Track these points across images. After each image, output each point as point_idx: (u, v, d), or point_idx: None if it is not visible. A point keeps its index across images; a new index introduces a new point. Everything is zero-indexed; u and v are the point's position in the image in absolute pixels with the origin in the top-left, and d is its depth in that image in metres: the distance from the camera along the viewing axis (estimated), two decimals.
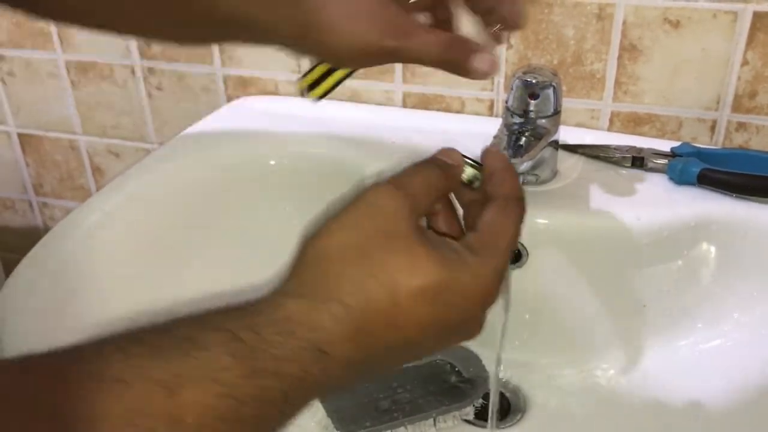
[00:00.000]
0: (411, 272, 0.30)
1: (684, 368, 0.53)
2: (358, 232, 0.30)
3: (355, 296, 0.29)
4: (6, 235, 0.93)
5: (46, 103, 0.82)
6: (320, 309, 0.29)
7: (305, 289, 0.29)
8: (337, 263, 0.30)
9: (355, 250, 0.30)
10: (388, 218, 0.31)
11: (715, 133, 0.62)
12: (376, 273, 0.30)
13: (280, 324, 0.28)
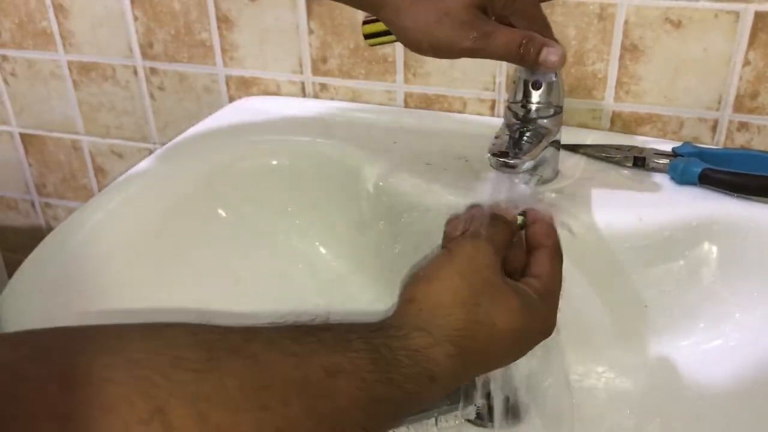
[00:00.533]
0: (508, 320, 0.38)
1: (685, 368, 0.53)
2: (467, 283, 0.38)
3: (466, 339, 0.37)
4: (9, 235, 0.94)
5: (49, 103, 0.82)
6: (439, 347, 0.36)
7: (430, 327, 0.36)
8: (452, 310, 0.37)
9: (468, 301, 0.38)
10: (489, 271, 0.39)
11: (717, 133, 0.62)
12: (482, 320, 0.37)
13: (410, 351, 0.35)
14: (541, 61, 0.44)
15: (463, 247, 0.40)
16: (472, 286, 0.38)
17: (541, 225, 0.44)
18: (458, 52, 0.42)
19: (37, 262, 0.51)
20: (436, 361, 0.35)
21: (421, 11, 0.41)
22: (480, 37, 0.42)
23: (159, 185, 0.60)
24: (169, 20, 0.72)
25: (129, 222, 0.56)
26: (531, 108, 0.51)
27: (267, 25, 0.70)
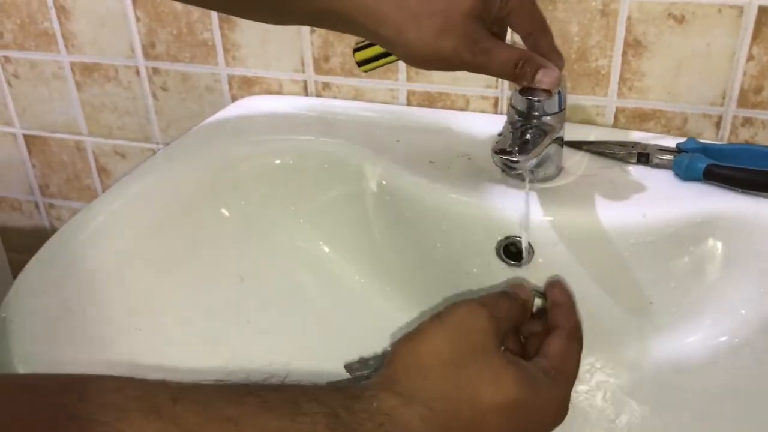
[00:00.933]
0: (495, 389, 0.34)
1: (691, 365, 0.53)
2: (452, 346, 0.35)
3: (441, 403, 0.33)
4: (13, 235, 0.94)
5: (52, 104, 0.82)
6: (410, 409, 0.33)
7: (400, 387, 0.34)
8: (431, 371, 0.34)
9: (449, 362, 0.35)
10: (479, 335, 0.36)
11: (721, 128, 0.62)
12: (462, 386, 0.34)
13: (374, 413, 0.32)
14: (536, 83, 0.44)
15: (454, 309, 0.38)
16: (457, 349, 0.35)
17: (562, 308, 0.44)
18: (460, 64, 0.42)
19: (42, 262, 0.51)
20: (406, 425, 0.32)
21: (423, 25, 0.41)
22: (480, 53, 0.42)
23: (162, 185, 0.60)
24: (171, 20, 0.72)
25: (133, 222, 0.56)
26: (534, 105, 0.51)
27: (269, 25, 0.70)
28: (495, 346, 0.36)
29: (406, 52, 0.43)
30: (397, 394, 0.33)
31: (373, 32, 0.42)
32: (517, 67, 0.44)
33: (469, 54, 0.42)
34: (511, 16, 0.45)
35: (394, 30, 0.41)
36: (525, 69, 0.44)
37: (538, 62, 0.44)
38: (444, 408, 0.33)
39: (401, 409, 0.33)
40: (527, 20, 0.45)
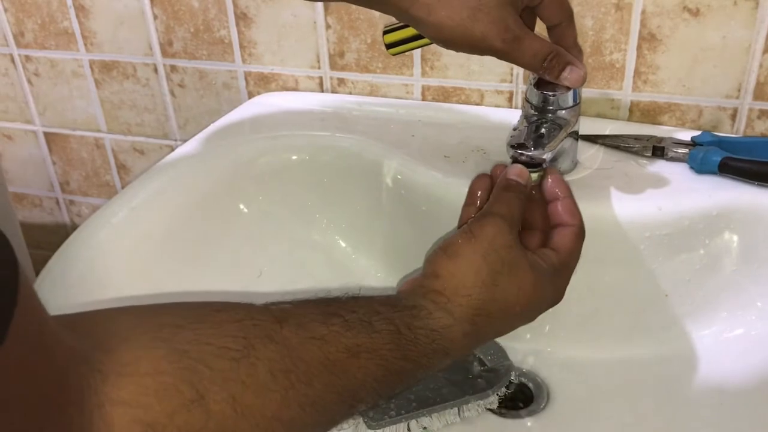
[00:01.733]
0: (521, 296, 0.42)
1: (707, 357, 0.53)
2: (488, 263, 0.41)
3: (482, 317, 0.41)
4: (34, 232, 0.95)
5: (71, 102, 0.83)
6: (457, 326, 0.40)
7: (450, 306, 0.40)
8: (473, 290, 0.40)
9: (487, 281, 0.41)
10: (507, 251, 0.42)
11: (737, 121, 0.62)
12: (498, 298, 0.41)
13: (429, 331, 0.39)
14: (562, 79, 0.45)
15: (483, 227, 0.42)
16: (492, 266, 0.41)
17: (565, 204, 0.47)
18: (489, 49, 0.43)
19: (63, 258, 0.52)
20: (452, 339, 0.39)
21: (455, 6, 0.42)
22: (510, 41, 0.43)
23: (180, 182, 0.61)
24: (188, 18, 0.73)
25: (152, 218, 0.57)
26: (549, 99, 0.51)
27: (285, 22, 0.70)
28: (520, 255, 0.42)
29: (437, 34, 0.43)
30: (449, 313, 0.40)
31: (405, 11, 0.43)
32: (545, 61, 0.44)
33: (500, 41, 0.42)
34: (542, 6, 0.45)
35: (425, 10, 0.42)
36: (553, 64, 0.44)
37: (567, 59, 0.45)
38: (482, 320, 0.41)
39: (450, 329, 0.39)
40: (557, 11, 0.46)
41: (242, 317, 0.33)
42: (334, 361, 0.34)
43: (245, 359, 0.31)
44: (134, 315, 0.32)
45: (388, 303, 0.39)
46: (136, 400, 0.28)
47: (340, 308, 0.36)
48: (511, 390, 0.53)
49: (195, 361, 0.30)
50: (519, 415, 0.53)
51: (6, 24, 0.80)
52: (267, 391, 0.31)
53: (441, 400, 0.51)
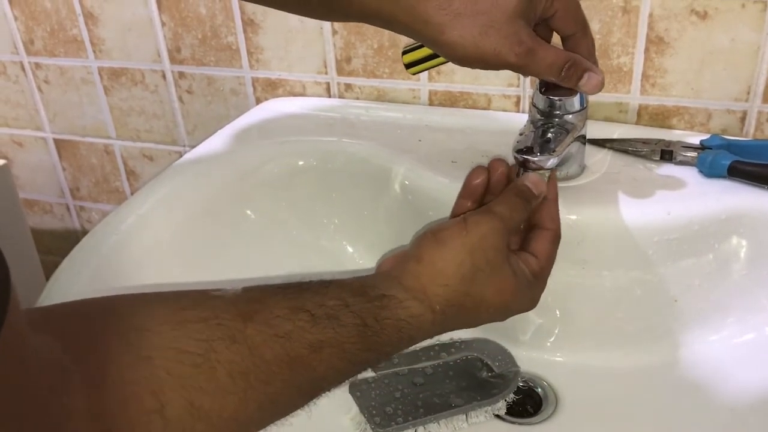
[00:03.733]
0: (497, 296, 0.42)
1: (717, 362, 0.53)
2: (472, 259, 0.41)
3: (453, 308, 0.41)
4: (45, 238, 0.96)
5: (81, 109, 0.84)
6: (427, 315, 0.40)
7: (423, 296, 0.40)
8: (451, 281, 0.41)
9: (467, 276, 0.41)
10: (494, 252, 0.42)
11: (746, 124, 0.61)
12: (473, 293, 0.41)
13: (397, 322, 0.39)
14: (581, 85, 0.45)
15: (478, 224, 0.42)
16: (476, 263, 0.41)
17: (548, 207, 0.47)
18: (504, 64, 0.43)
19: (74, 264, 0.53)
20: (420, 327, 0.40)
21: (466, 24, 0.42)
22: (525, 54, 0.43)
23: (189, 187, 0.61)
24: (195, 25, 0.74)
25: (161, 224, 0.57)
26: (556, 104, 0.51)
27: (291, 27, 0.70)
28: (504, 260, 0.42)
29: (451, 52, 0.44)
30: (420, 301, 0.40)
31: (418, 32, 0.44)
32: (562, 70, 0.44)
33: (513, 55, 0.43)
34: (555, 17, 0.45)
35: (437, 30, 0.42)
36: (570, 72, 0.45)
37: (585, 66, 0.45)
38: (453, 311, 0.41)
39: (419, 317, 0.40)
40: (571, 22, 0.46)
41: (207, 316, 0.34)
42: (295, 357, 0.35)
43: (206, 364, 0.32)
44: (107, 312, 0.33)
45: (360, 292, 0.39)
46: (101, 410, 0.29)
47: (308, 301, 0.37)
48: (519, 396, 0.53)
49: (157, 368, 0.31)
50: (527, 421, 0.53)
51: (16, 32, 0.81)
52: (225, 393, 0.32)
53: (448, 406, 0.51)
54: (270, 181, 0.63)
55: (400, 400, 0.52)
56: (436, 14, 0.42)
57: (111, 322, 0.32)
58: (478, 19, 0.42)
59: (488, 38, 0.42)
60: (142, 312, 0.33)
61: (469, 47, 0.42)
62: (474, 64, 0.44)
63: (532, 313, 0.57)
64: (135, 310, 0.34)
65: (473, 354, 0.56)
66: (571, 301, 0.56)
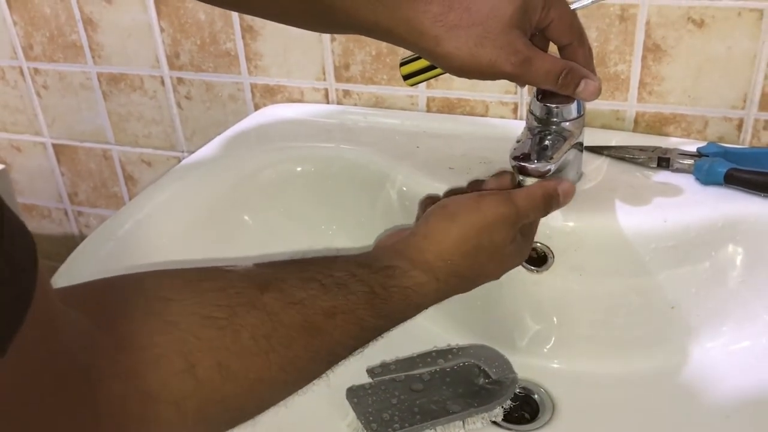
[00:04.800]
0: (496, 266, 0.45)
1: (713, 370, 0.53)
2: (477, 240, 0.43)
3: (455, 278, 0.43)
4: (43, 242, 0.96)
5: (80, 114, 0.84)
6: (431, 284, 0.42)
7: (428, 266, 0.42)
8: (454, 256, 0.43)
9: (471, 252, 0.43)
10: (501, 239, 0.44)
11: (743, 132, 0.61)
12: (474, 266, 0.44)
13: (403, 288, 0.41)
14: (578, 93, 0.46)
15: (493, 207, 0.44)
16: (480, 242, 0.43)
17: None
18: (501, 73, 0.44)
19: (71, 269, 0.53)
20: (425, 295, 0.42)
21: (461, 35, 0.42)
22: (520, 63, 0.43)
23: (187, 193, 0.61)
24: (194, 31, 0.74)
25: (159, 229, 0.57)
26: (553, 111, 0.51)
27: (290, 34, 0.71)
28: (508, 244, 0.44)
29: (447, 64, 0.44)
30: (424, 272, 0.42)
31: (414, 44, 0.44)
32: (559, 77, 0.45)
33: (509, 64, 0.43)
34: (551, 27, 0.46)
35: (434, 42, 0.43)
36: (568, 79, 0.45)
37: (581, 73, 0.45)
38: (455, 280, 0.43)
39: (424, 285, 0.42)
40: (567, 32, 0.46)
41: (224, 285, 0.35)
42: (312, 323, 0.36)
43: (230, 327, 0.33)
44: (129, 287, 0.34)
45: (365, 264, 0.41)
46: (132, 371, 0.30)
47: (317, 272, 0.38)
48: (516, 402, 0.53)
49: (184, 332, 0.32)
50: (524, 428, 0.53)
51: (15, 37, 0.81)
52: (250, 355, 0.34)
53: (445, 412, 0.51)
54: (268, 186, 0.63)
55: (397, 407, 0.52)
56: (432, 26, 0.43)
57: (134, 293, 0.33)
58: (474, 30, 0.42)
59: (484, 49, 0.42)
60: (162, 284, 0.35)
61: (466, 58, 0.43)
62: (471, 75, 0.44)
63: (530, 319, 0.57)
64: (155, 282, 0.35)
65: (470, 360, 0.56)
66: (568, 307, 0.56)
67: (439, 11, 0.42)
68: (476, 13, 0.42)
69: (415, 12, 0.43)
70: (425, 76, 0.50)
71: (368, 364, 0.55)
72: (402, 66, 0.51)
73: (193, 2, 0.72)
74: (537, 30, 0.46)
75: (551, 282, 0.55)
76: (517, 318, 0.58)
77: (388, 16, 0.43)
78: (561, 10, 0.46)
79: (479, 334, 0.58)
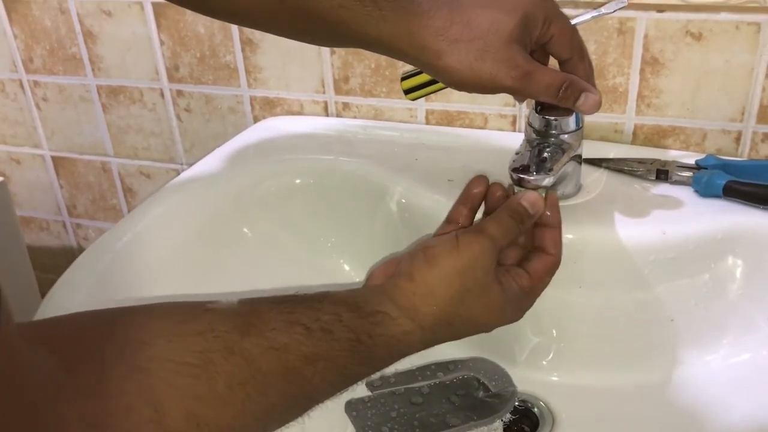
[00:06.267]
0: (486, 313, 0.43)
1: (713, 382, 0.52)
2: (462, 280, 0.42)
3: (442, 327, 0.42)
4: (41, 255, 0.96)
5: (79, 126, 0.84)
6: (417, 334, 0.41)
7: (414, 314, 0.41)
8: (441, 301, 0.41)
9: (456, 296, 0.42)
10: (484, 273, 0.43)
11: (741, 144, 0.62)
12: (462, 313, 0.42)
13: (389, 338, 0.40)
14: (578, 106, 0.46)
15: (469, 244, 0.43)
16: (465, 284, 0.42)
17: (552, 233, 0.47)
18: (501, 87, 0.44)
19: (70, 282, 0.53)
20: (410, 344, 0.42)
21: (462, 50, 0.43)
22: (521, 77, 0.43)
23: (186, 205, 0.61)
24: (194, 44, 0.74)
25: (157, 242, 0.57)
26: (551, 123, 0.51)
27: (290, 47, 0.71)
28: (493, 280, 0.43)
29: (448, 78, 0.44)
30: (412, 320, 0.41)
31: (416, 59, 0.44)
32: (560, 90, 0.45)
33: (509, 78, 0.43)
34: (551, 42, 0.46)
35: (434, 56, 0.43)
36: (568, 92, 0.45)
37: (581, 86, 0.45)
38: (442, 329, 0.42)
39: (410, 334, 0.41)
40: (567, 47, 0.47)
41: (204, 329, 0.34)
42: (292, 369, 0.36)
43: (204, 375, 0.33)
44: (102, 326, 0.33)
45: (354, 309, 0.40)
46: (98, 421, 0.29)
47: (303, 315, 0.38)
48: (516, 416, 0.53)
49: (155, 379, 0.31)
50: None
51: (15, 50, 0.81)
52: (223, 404, 0.33)
53: (445, 425, 0.51)
54: (267, 199, 0.63)
55: (396, 420, 0.51)
56: (433, 41, 0.43)
57: (106, 333, 0.33)
58: (474, 44, 0.43)
59: (484, 63, 0.43)
60: (138, 324, 0.34)
61: (466, 72, 0.43)
62: (471, 89, 0.44)
63: (529, 332, 0.57)
64: (131, 322, 0.34)
65: (470, 374, 0.56)
66: (567, 320, 0.56)
67: (440, 26, 0.43)
68: (477, 27, 0.43)
69: (417, 26, 0.43)
70: (426, 91, 0.50)
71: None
72: (403, 80, 0.51)
73: (193, 15, 0.72)
74: (537, 45, 0.46)
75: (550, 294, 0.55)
76: (517, 331, 0.57)
77: (390, 30, 0.43)
78: (561, 26, 0.46)
79: (479, 347, 0.57)
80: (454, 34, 0.43)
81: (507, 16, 0.43)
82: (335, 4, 0.43)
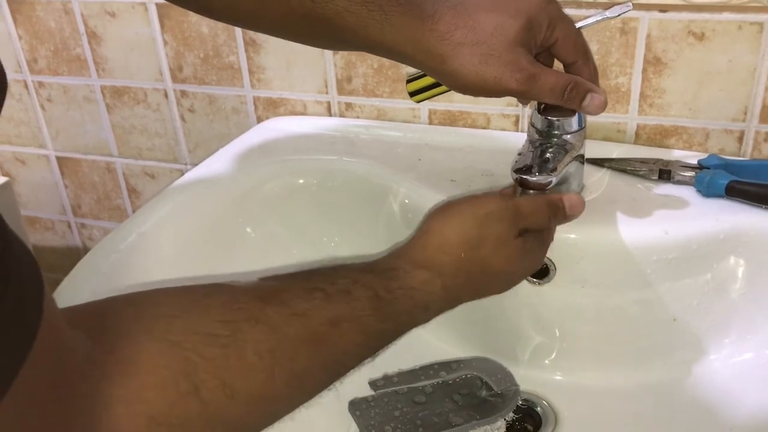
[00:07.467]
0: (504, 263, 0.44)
1: (715, 382, 0.53)
2: (478, 231, 0.43)
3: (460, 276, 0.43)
4: (46, 255, 0.96)
5: (83, 127, 0.84)
6: (436, 282, 0.42)
7: (430, 264, 0.42)
8: (456, 250, 0.43)
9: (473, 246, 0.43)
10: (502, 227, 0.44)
11: (743, 144, 0.62)
12: (478, 261, 0.44)
13: (407, 289, 0.41)
14: (584, 107, 0.46)
15: (491, 201, 0.45)
16: (482, 233, 0.43)
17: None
18: (506, 90, 0.44)
19: (75, 282, 0.53)
20: (431, 292, 0.42)
21: (466, 53, 0.43)
22: (525, 80, 0.44)
23: (190, 205, 0.61)
24: (198, 44, 0.74)
25: (162, 242, 0.58)
26: (554, 124, 0.51)
27: (293, 47, 0.71)
28: (512, 237, 0.44)
29: (453, 82, 0.45)
30: (428, 269, 0.42)
31: (421, 62, 0.45)
32: (565, 92, 0.45)
33: (514, 81, 0.44)
34: (556, 46, 0.46)
35: (439, 60, 0.44)
36: (573, 94, 0.45)
37: (586, 87, 0.46)
38: (461, 278, 0.43)
39: (429, 282, 0.42)
40: (572, 50, 0.47)
41: (227, 300, 0.35)
42: (316, 333, 0.36)
43: (233, 344, 0.33)
44: (130, 307, 0.34)
45: (367, 269, 0.41)
46: (138, 396, 0.30)
47: (321, 281, 0.39)
48: (518, 415, 0.53)
49: (188, 351, 0.32)
50: None
51: (20, 51, 0.81)
52: (254, 372, 0.34)
53: (448, 425, 0.51)
54: (271, 199, 0.63)
55: (399, 419, 0.52)
56: (438, 45, 0.43)
57: (137, 313, 0.34)
58: (479, 48, 0.43)
59: (489, 66, 0.43)
60: (163, 302, 0.35)
61: (471, 75, 0.43)
62: (477, 92, 0.45)
63: (532, 331, 0.57)
64: (156, 300, 0.35)
65: (473, 373, 0.56)
66: (570, 319, 0.56)
67: (445, 30, 0.43)
68: (481, 31, 0.43)
69: (422, 31, 0.43)
70: (431, 93, 0.51)
71: (371, 377, 0.55)
72: (408, 83, 0.51)
73: (197, 16, 0.73)
74: (542, 48, 0.46)
75: (553, 294, 0.55)
76: (519, 330, 0.58)
77: (395, 35, 0.43)
78: (566, 29, 0.46)
79: (481, 347, 0.58)
80: (459, 38, 0.43)
81: (511, 20, 0.43)
82: (340, 9, 0.43)
